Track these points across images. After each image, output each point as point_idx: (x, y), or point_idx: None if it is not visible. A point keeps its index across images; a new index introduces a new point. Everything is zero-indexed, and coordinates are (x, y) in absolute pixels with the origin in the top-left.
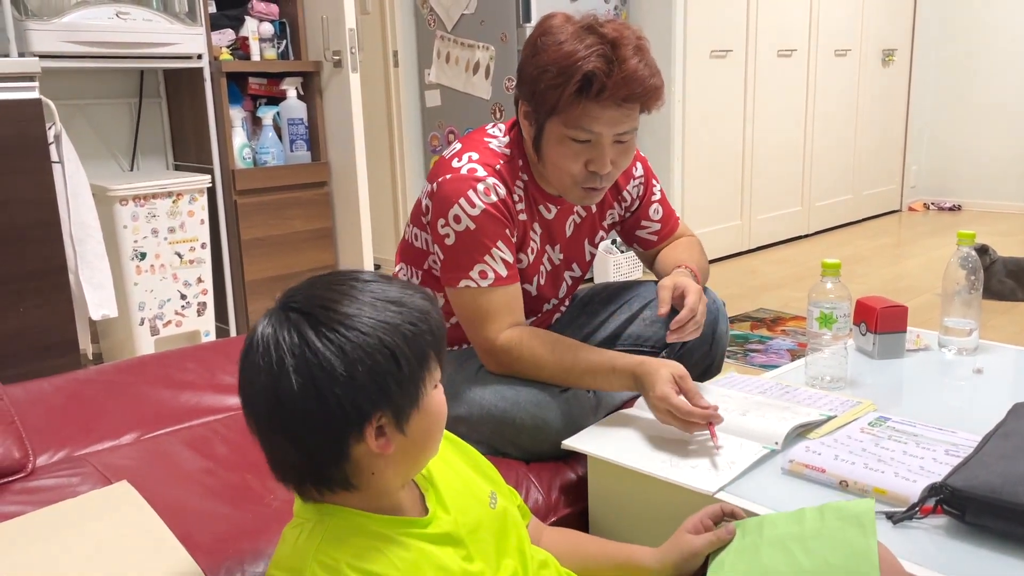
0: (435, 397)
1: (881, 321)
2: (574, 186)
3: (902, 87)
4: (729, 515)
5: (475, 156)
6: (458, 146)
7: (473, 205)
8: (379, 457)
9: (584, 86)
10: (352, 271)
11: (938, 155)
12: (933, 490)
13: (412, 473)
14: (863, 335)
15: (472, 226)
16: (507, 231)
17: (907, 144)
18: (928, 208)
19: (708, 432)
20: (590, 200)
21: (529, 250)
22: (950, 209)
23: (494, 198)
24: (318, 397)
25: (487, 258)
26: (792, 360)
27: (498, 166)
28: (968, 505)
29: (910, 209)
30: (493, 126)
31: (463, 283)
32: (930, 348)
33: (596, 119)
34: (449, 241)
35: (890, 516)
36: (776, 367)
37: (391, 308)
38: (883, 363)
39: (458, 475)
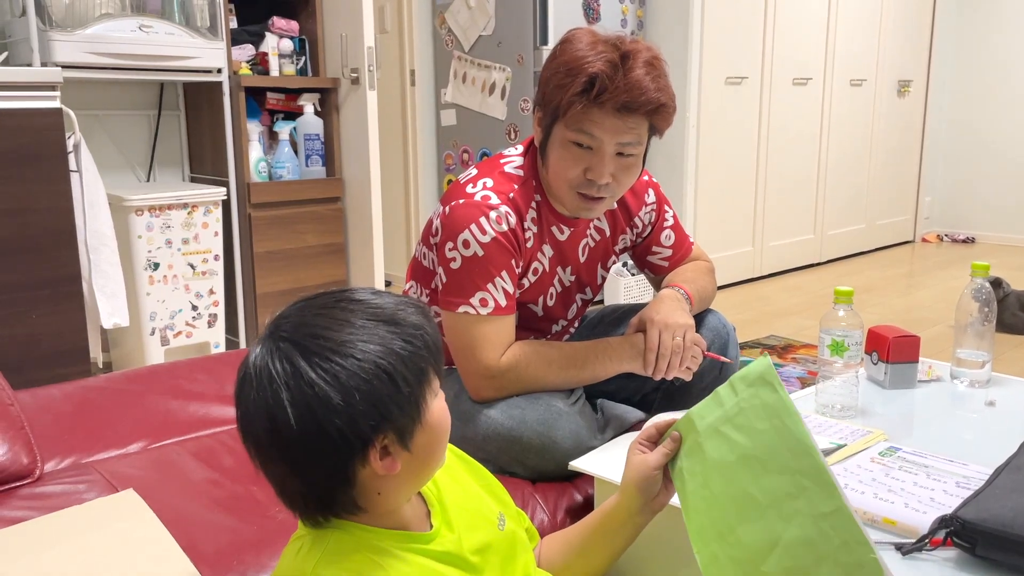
0: (436, 408)
1: (893, 350)
2: (570, 191)
3: (917, 118)
4: (665, 428)
5: (490, 183)
6: (474, 171)
7: (484, 232)
8: (385, 477)
9: (587, 88)
10: (342, 290)
11: (952, 187)
12: (943, 522)
13: (419, 485)
14: (875, 364)
15: (480, 253)
16: (513, 261)
17: (921, 175)
18: (941, 240)
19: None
20: (587, 213)
21: (532, 272)
22: (964, 241)
23: (505, 227)
24: (318, 428)
25: (490, 286)
26: (802, 388)
27: (512, 193)
28: (979, 538)
29: (923, 240)
30: (512, 148)
31: (462, 308)
32: (942, 379)
33: (597, 124)
34: (455, 265)
35: (900, 547)
36: None
37: (383, 328)
38: (894, 393)
39: (468, 494)
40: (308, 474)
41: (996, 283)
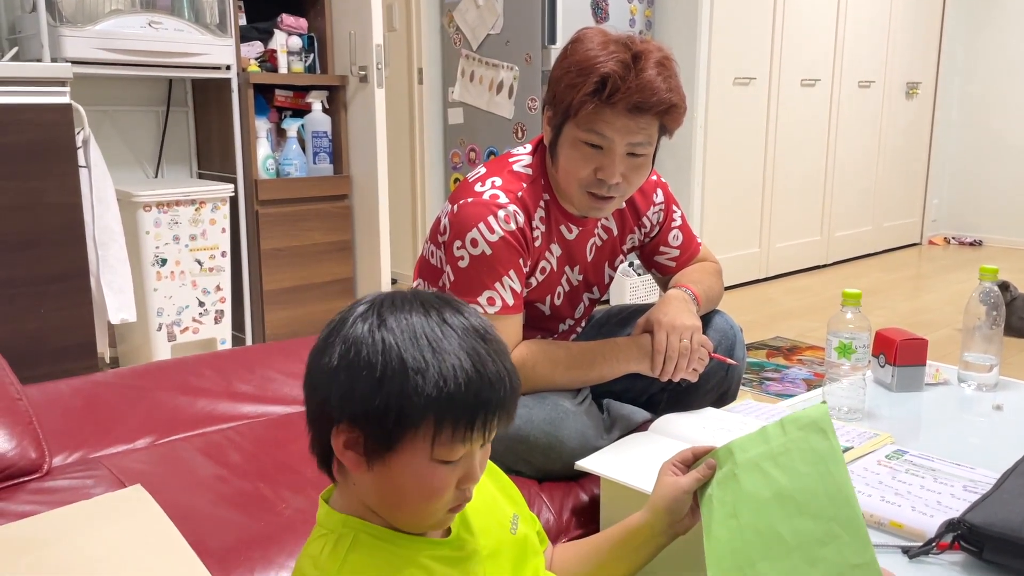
0: (412, 465)
1: (901, 353)
2: (580, 191)
3: (926, 120)
4: (701, 454)
5: (498, 182)
6: (483, 170)
7: (492, 231)
8: (358, 475)
9: (599, 88)
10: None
11: (960, 189)
12: (951, 526)
13: (397, 521)
14: (882, 367)
15: (488, 251)
16: (520, 260)
17: (929, 177)
18: (949, 242)
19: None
20: (596, 212)
21: (540, 271)
22: (971, 244)
23: (513, 226)
24: (325, 377)
25: (497, 285)
26: (808, 390)
27: (520, 192)
28: (986, 542)
29: (930, 243)
30: (521, 147)
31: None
32: (949, 383)
33: (608, 124)
34: (463, 264)
35: (906, 551)
36: (792, 396)
37: (445, 350)
38: (901, 396)
39: (482, 495)
40: (309, 404)
41: (1004, 287)
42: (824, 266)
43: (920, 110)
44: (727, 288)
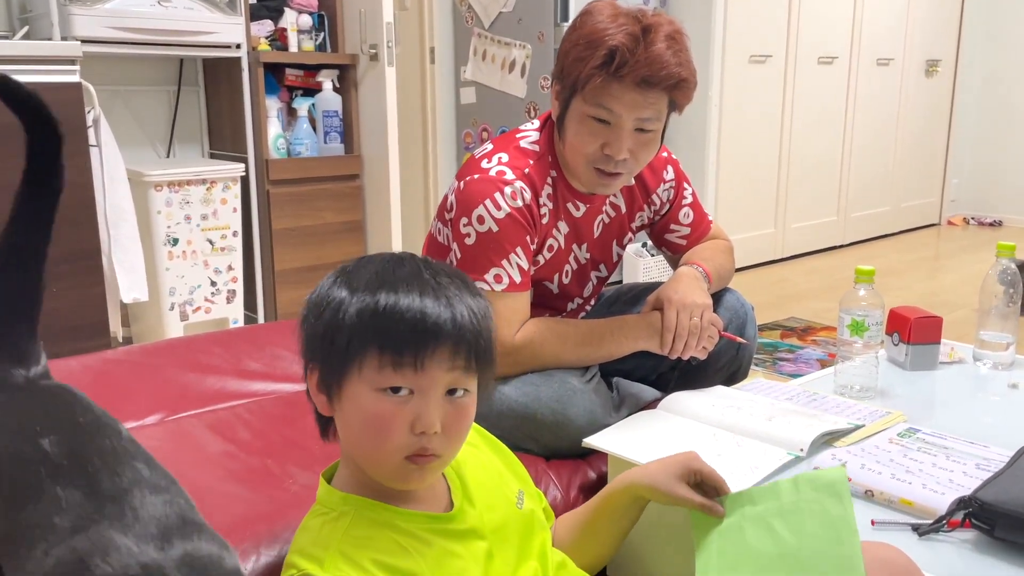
0: (360, 398)
1: (915, 331)
2: (587, 167)
3: (945, 99)
4: (707, 478)
5: (505, 158)
6: (490, 146)
7: (499, 208)
8: (339, 423)
9: (607, 61)
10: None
11: (980, 169)
12: (962, 503)
13: (367, 469)
14: (895, 345)
15: (495, 228)
16: (528, 238)
17: (948, 157)
18: (968, 223)
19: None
20: (603, 189)
21: (547, 249)
22: (991, 224)
23: (520, 203)
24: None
25: (504, 262)
26: (821, 369)
27: (527, 169)
28: (997, 520)
29: (949, 223)
30: (528, 123)
31: (476, 284)
32: (964, 361)
33: (616, 99)
34: (469, 241)
35: (916, 528)
36: (803, 376)
37: (387, 294)
38: (915, 375)
39: (488, 470)
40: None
41: (1022, 265)
42: (840, 247)
43: (940, 88)
44: (741, 269)
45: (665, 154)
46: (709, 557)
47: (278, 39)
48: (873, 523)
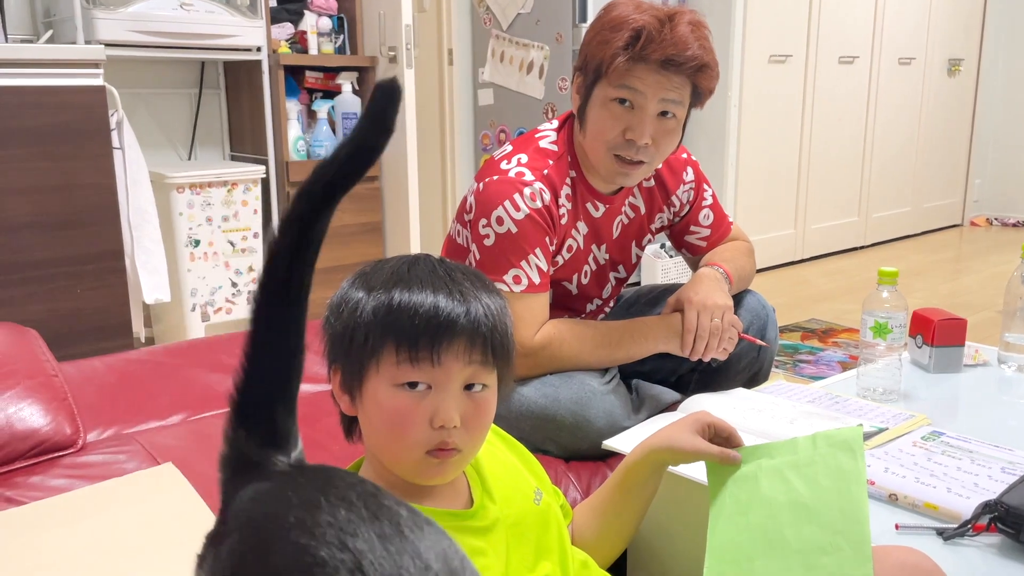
0: (379, 393)
1: (939, 334)
2: (608, 155)
3: (968, 98)
4: (721, 430)
5: (524, 159)
6: (509, 148)
7: (518, 209)
8: (362, 422)
9: (632, 41)
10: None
11: (1003, 169)
12: (987, 507)
13: (391, 466)
14: (919, 347)
15: (514, 229)
16: (547, 239)
17: (971, 157)
18: (991, 223)
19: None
20: (623, 178)
21: (566, 249)
22: (1014, 225)
23: (539, 204)
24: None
25: (523, 263)
26: (843, 372)
27: (546, 170)
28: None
29: (972, 224)
30: (547, 123)
31: (493, 283)
32: (989, 364)
33: (640, 79)
34: (488, 242)
35: (941, 532)
36: (824, 379)
37: (401, 292)
38: (939, 377)
39: (505, 467)
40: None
41: None
42: (862, 248)
43: (962, 88)
44: (761, 270)
45: (685, 155)
46: (722, 501)
47: (298, 42)
48: (897, 527)
